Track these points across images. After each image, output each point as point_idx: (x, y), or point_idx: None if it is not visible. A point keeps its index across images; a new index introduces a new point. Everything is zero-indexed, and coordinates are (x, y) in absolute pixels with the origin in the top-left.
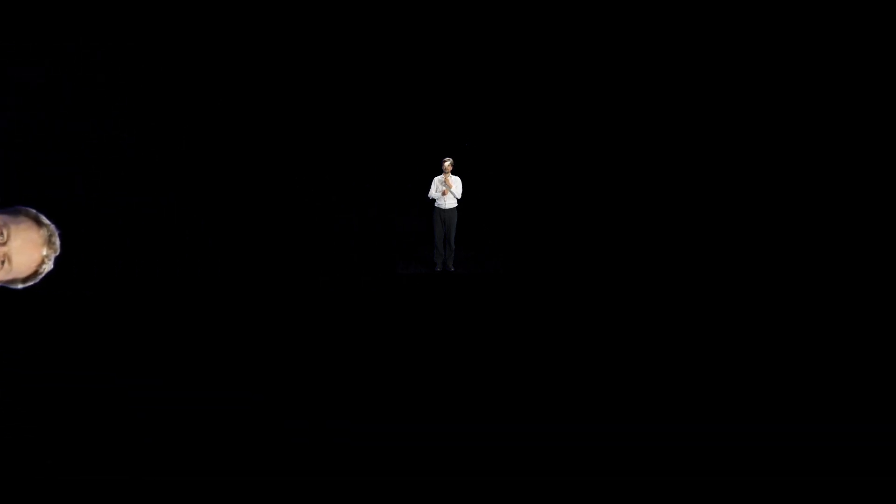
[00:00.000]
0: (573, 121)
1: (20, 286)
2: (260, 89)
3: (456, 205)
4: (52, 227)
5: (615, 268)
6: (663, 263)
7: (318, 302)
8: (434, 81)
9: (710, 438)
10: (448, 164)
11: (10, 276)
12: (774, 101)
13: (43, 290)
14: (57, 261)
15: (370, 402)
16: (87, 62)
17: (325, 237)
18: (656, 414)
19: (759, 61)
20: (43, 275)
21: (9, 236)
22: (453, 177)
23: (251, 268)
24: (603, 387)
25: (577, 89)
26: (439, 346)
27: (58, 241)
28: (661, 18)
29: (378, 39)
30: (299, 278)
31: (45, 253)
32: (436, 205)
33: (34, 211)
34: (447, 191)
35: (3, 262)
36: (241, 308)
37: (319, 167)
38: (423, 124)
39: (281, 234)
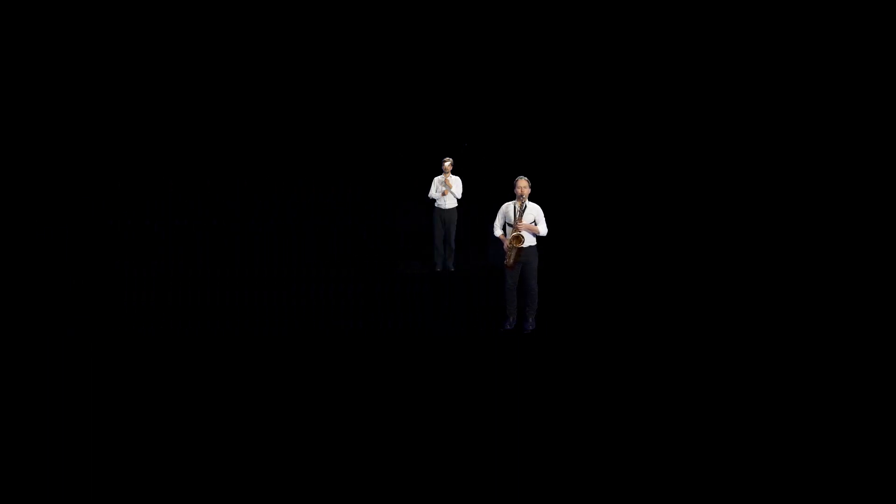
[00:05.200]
0: (572, 122)
1: None
2: (260, 90)
3: (456, 205)
4: None
5: (615, 267)
6: (663, 263)
7: (317, 302)
8: (434, 81)
9: (711, 438)
10: (448, 164)
11: None
12: (773, 102)
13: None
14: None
15: (370, 402)
16: (87, 62)
17: (325, 237)
18: (657, 413)
19: (758, 62)
20: None
21: None
22: (453, 177)
23: (251, 268)
24: (603, 386)
25: (577, 90)
26: (439, 346)
27: None
28: (659, 19)
29: (379, 40)
30: (299, 278)
31: None
32: (436, 205)
33: None
34: (447, 191)
35: None
36: (241, 308)
37: (320, 167)
38: (423, 124)
39: (281, 234)
